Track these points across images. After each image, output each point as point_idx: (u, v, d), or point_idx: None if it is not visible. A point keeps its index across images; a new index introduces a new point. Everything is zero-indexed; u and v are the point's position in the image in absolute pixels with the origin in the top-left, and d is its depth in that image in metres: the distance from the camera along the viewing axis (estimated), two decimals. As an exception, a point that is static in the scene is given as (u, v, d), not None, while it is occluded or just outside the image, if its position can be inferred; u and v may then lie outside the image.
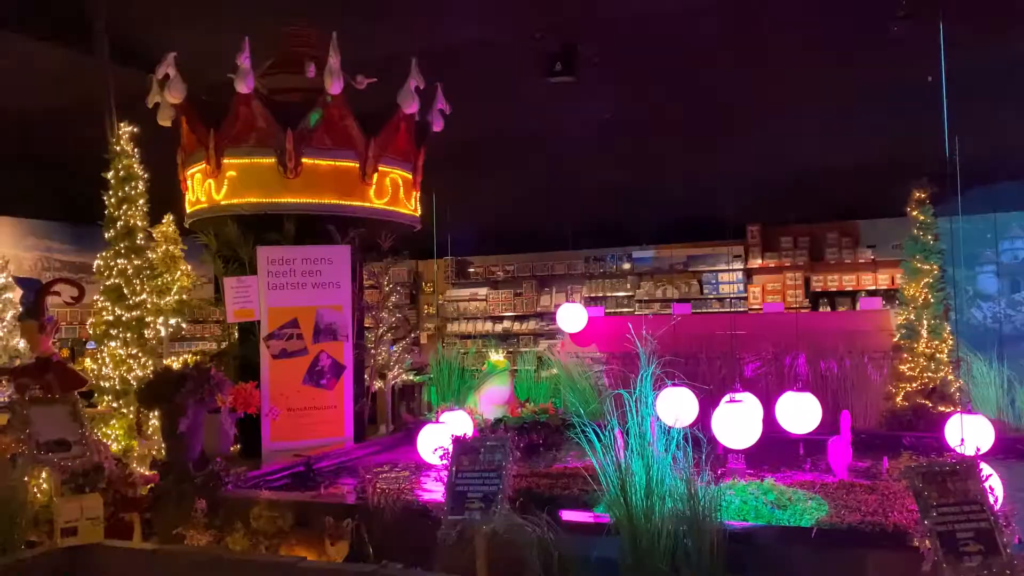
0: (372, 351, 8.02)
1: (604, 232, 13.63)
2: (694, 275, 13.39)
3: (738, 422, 5.94)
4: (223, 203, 7.25)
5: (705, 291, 13.21)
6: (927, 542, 3.57)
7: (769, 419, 6.75)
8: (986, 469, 3.91)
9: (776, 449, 6.80)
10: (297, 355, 7.11)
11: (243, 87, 6.86)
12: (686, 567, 3.84)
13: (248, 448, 7.15)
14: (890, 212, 9.46)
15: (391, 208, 7.67)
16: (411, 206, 8.03)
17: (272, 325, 7.08)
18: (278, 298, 7.10)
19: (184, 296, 9.51)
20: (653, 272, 13.69)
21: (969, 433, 6.10)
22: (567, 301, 12.18)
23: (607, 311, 12.86)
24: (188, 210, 7.75)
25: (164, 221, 9.84)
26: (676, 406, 6.15)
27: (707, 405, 6.30)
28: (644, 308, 13.33)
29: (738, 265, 12.97)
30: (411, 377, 8.86)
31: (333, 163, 7.25)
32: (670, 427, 4.30)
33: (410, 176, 7.94)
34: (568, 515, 4.63)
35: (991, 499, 3.67)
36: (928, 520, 3.59)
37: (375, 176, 7.40)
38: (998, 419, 7.39)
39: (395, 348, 8.40)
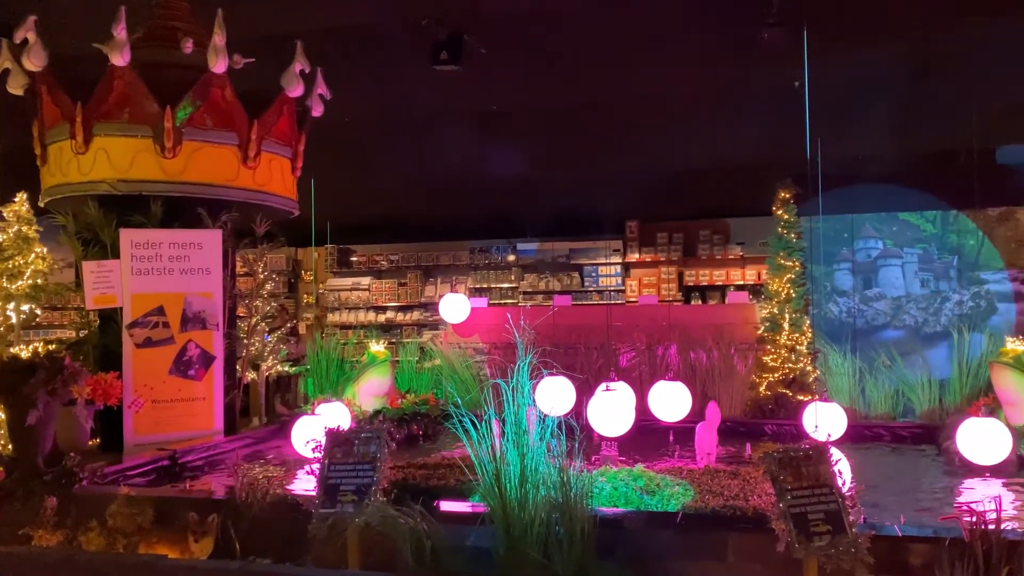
0: (245, 341, 7.73)
1: (490, 224, 13.68)
2: (576, 268, 13.65)
3: (612, 410, 6.10)
4: (90, 181, 6.80)
5: (586, 284, 13.49)
6: (782, 524, 3.77)
7: (642, 407, 6.98)
8: (836, 454, 4.17)
9: (648, 436, 7.05)
10: (163, 344, 6.77)
11: (118, 59, 6.46)
12: (558, 554, 3.90)
13: (108, 442, 6.75)
14: (758, 211, 9.93)
15: (271, 192, 7.44)
16: (290, 191, 7.82)
17: (136, 312, 6.70)
18: (143, 284, 6.73)
19: (40, 280, 8.86)
20: (537, 265, 13.87)
21: (824, 421, 6.52)
22: (451, 292, 12.14)
23: (491, 302, 12.93)
24: (45, 187, 7.22)
25: (16, 200, 9.11)
26: (554, 395, 6.27)
27: (584, 394, 6.45)
28: (528, 300, 13.48)
29: (617, 259, 13.32)
30: (287, 368, 8.60)
31: (214, 144, 6.96)
32: (545, 416, 4.35)
33: (290, 161, 7.75)
34: (446, 505, 4.63)
35: (839, 482, 3.91)
36: (783, 503, 3.79)
37: (258, 160, 7.16)
38: (850, 407, 7.93)
39: (270, 338, 8.13)
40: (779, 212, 8.89)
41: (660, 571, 4.13)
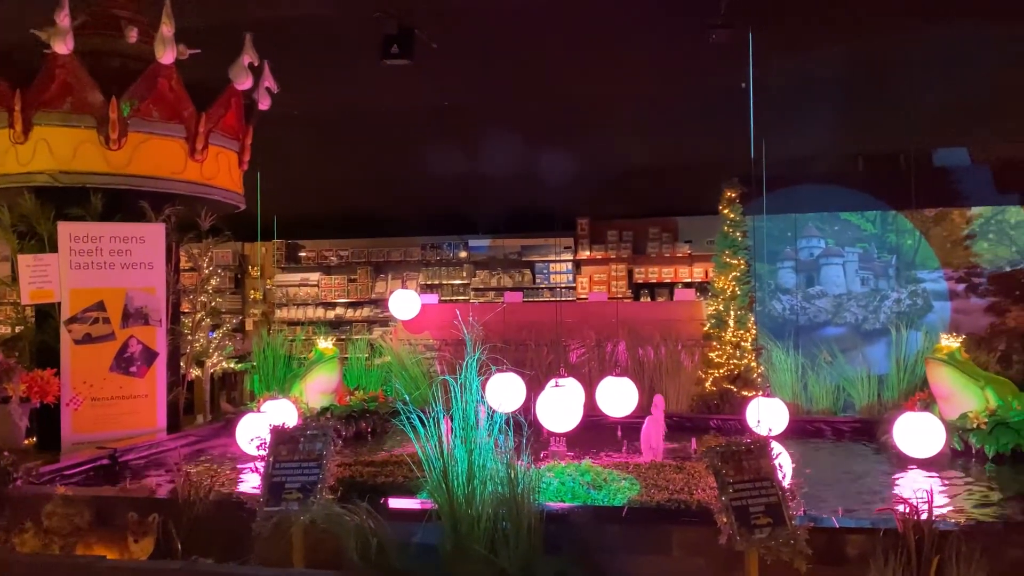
0: (189, 337, 7.59)
1: (441, 220, 13.64)
2: (527, 265, 13.70)
3: (560, 406, 6.15)
4: (30, 173, 6.61)
5: (537, 280, 13.56)
6: (724, 517, 3.84)
7: (591, 403, 7.04)
8: (776, 448, 4.26)
9: (596, 432, 7.12)
10: (103, 340, 6.60)
11: (61, 47, 6.28)
12: (504, 549, 3.92)
13: (45, 441, 6.56)
14: (705, 210, 10.10)
15: (218, 186, 7.32)
16: (237, 185, 7.70)
17: (75, 308, 6.53)
18: (82, 278, 6.55)
19: (-28, 275, 8.56)
20: (489, 261, 13.87)
21: (766, 415, 6.65)
22: (402, 288, 12.07)
23: (443, 299, 12.90)
24: (-20, 178, 6.97)
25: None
26: (504, 391, 6.29)
27: (535, 390, 6.48)
28: (480, 296, 13.48)
29: (568, 256, 13.41)
30: (233, 365, 8.46)
31: (161, 137, 6.82)
32: (494, 411, 4.36)
33: (237, 154, 7.65)
34: (393, 503, 4.62)
35: (780, 475, 4.00)
36: (725, 496, 3.86)
37: (206, 153, 7.04)
38: (793, 402, 8.12)
39: (215, 334, 7.99)
40: (725, 211, 9.06)
41: (606, 565, 4.17)
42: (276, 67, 7.60)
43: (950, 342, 6.98)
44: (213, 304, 7.91)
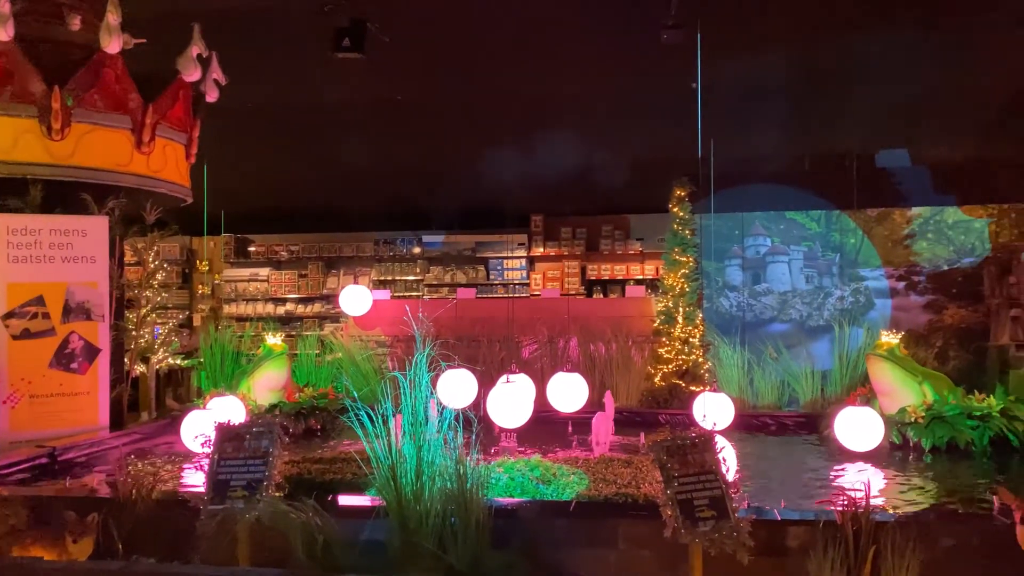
0: (134, 333, 7.42)
1: (395, 216, 13.54)
2: (481, 261, 13.69)
3: (511, 402, 6.16)
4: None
5: (491, 277, 13.55)
6: (669, 510, 3.90)
7: (543, 399, 7.08)
8: (721, 442, 4.34)
9: (547, 427, 7.16)
10: (43, 336, 6.43)
11: (2, 34, 6.11)
12: (452, 545, 3.93)
13: (-19, 440, 6.36)
14: (656, 208, 10.21)
15: (165, 179, 7.18)
16: (184, 178, 7.56)
17: (12, 302, 6.34)
18: (20, 272, 6.37)
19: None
20: (443, 257, 13.83)
21: (713, 410, 6.76)
22: (354, 284, 11.97)
23: (396, 295, 12.82)
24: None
25: None
26: (455, 388, 6.28)
27: (487, 386, 6.49)
28: (434, 293, 13.43)
29: (522, 253, 13.43)
30: (179, 361, 8.30)
31: (106, 128, 6.67)
32: (444, 408, 4.36)
33: (184, 147, 7.51)
34: (342, 500, 4.60)
35: (724, 469, 4.07)
36: (670, 490, 3.92)
37: (153, 145, 6.89)
38: (739, 397, 8.28)
39: (161, 330, 7.83)
40: (675, 209, 9.19)
41: (553, 559, 4.21)
42: (226, 59, 7.47)
43: (890, 339, 7.19)
44: (159, 299, 7.75)
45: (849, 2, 7.82)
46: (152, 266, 7.55)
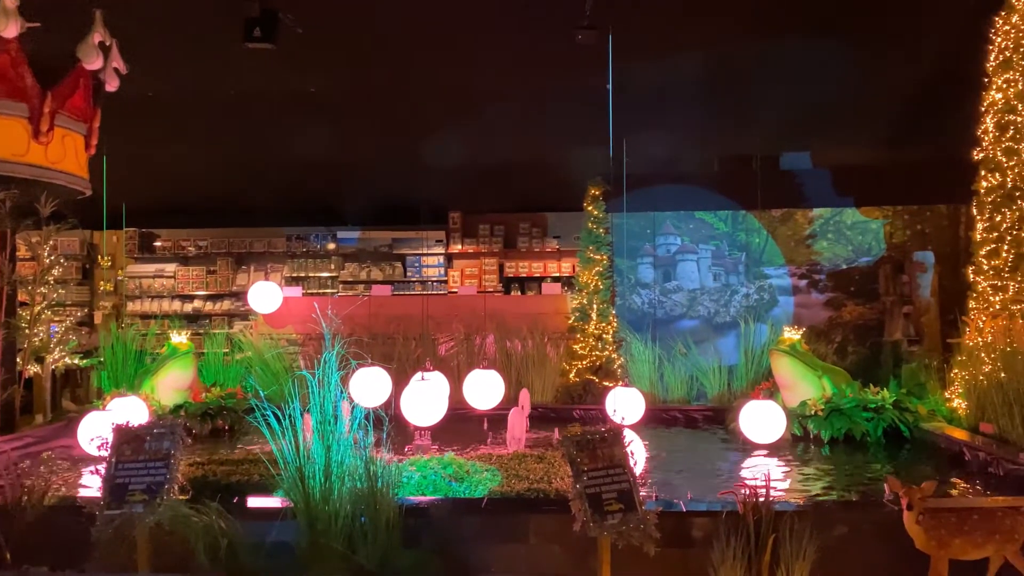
0: (27, 331, 7.04)
1: (308, 211, 13.25)
2: (398, 258, 13.56)
3: (425, 400, 6.14)
4: None
5: (409, 274, 13.44)
6: (578, 504, 3.95)
7: (458, 396, 7.08)
8: (630, 436, 4.43)
9: (463, 424, 7.17)
10: (-76, 335, 6.04)
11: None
12: (363, 545, 3.88)
13: None
14: (573, 206, 10.32)
15: (63, 171, 6.83)
16: (83, 170, 7.21)
17: None
18: (-102, 267, 5.97)
19: None
20: (358, 254, 13.63)
21: (625, 405, 6.91)
22: (264, 280, 11.66)
23: (310, 292, 12.59)
24: None
25: None
26: (369, 386, 6.22)
27: (401, 384, 6.44)
28: (349, 289, 13.21)
29: (440, 250, 13.37)
30: (77, 361, 7.92)
31: (0, 116, 6.30)
32: (354, 406, 4.30)
33: (84, 138, 7.16)
34: (250, 501, 4.49)
35: (632, 462, 4.15)
36: (580, 484, 3.97)
37: (51, 135, 6.55)
38: (650, 392, 8.48)
39: (57, 328, 7.47)
40: (589, 208, 9.34)
41: (465, 555, 4.21)
42: (129, 47, 7.16)
43: (792, 334, 7.48)
44: (55, 296, 7.38)
45: (756, 10, 8.09)
46: (47, 261, 7.19)
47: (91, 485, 4.95)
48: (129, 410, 6.11)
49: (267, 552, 3.94)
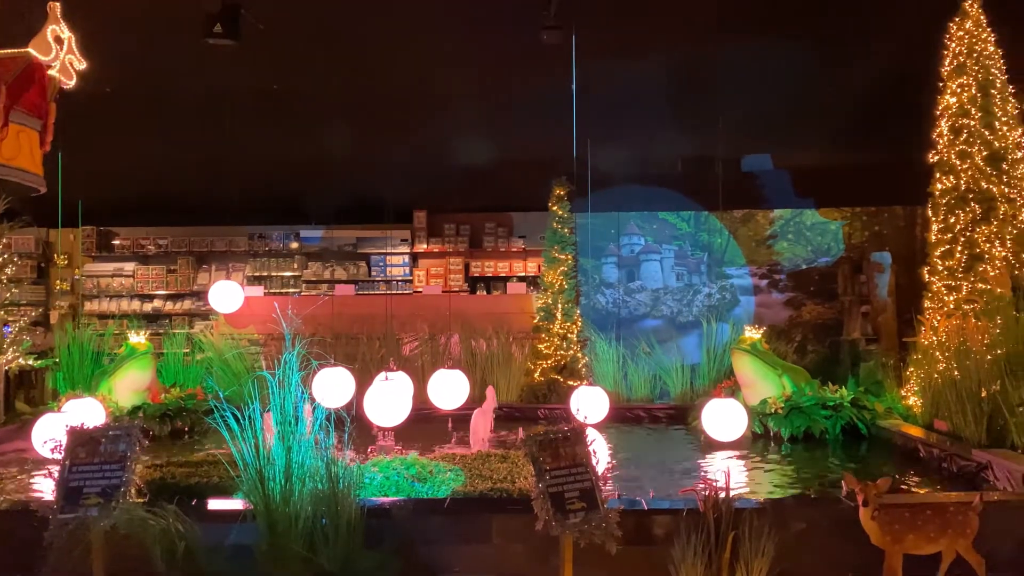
0: (-21, 331, 6.88)
1: (271, 209, 13.09)
2: (363, 257, 13.46)
3: (389, 400, 6.11)
4: None
5: (373, 273, 13.34)
6: (541, 503, 3.95)
7: (423, 396, 7.05)
8: (593, 434, 4.45)
9: (427, 424, 7.15)
10: None
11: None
12: (324, 546, 3.85)
13: None
14: (539, 206, 10.34)
15: (18, 168, 6.67)
16: (38, 167, 7.04)
17: None
18: None
19: None
20: (322, 253, 13.50)
21: (589, 404, 6.93)
22: (226, 280, 11.50)
23: (272, 291, 12.43)
24: None
25: None
26: (332, 386, 6.16)
27: (365, 384, 6.39)
28: (313, 289, 13.08)
29: (405, 249, 13.30)
30: (31, 361, 7.74)
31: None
32: (315, 407, 4.26)
33: (39, 134, 6.99)
34: (210, 504, 4.42)
35: (594, 461, 4.17)
36: (542, 483, 3.97)
37: (6, 131, 6.39)
38: (615, 391, 8.53)
39: (11, 328, 7.29)
40: (554, 208, 9.37)
41: (428, 556, 4.20)
42: (85, 41, 7.01)
43: (753, 333, 7.58)
44: (8, 295, 7.21)
45: (719, 14, 8.18)
46: (1, 259, 7.01)
47: (44, 489, 4.85)
48: (85, 412, 5.99)
49: (226, 555, 3.88)
